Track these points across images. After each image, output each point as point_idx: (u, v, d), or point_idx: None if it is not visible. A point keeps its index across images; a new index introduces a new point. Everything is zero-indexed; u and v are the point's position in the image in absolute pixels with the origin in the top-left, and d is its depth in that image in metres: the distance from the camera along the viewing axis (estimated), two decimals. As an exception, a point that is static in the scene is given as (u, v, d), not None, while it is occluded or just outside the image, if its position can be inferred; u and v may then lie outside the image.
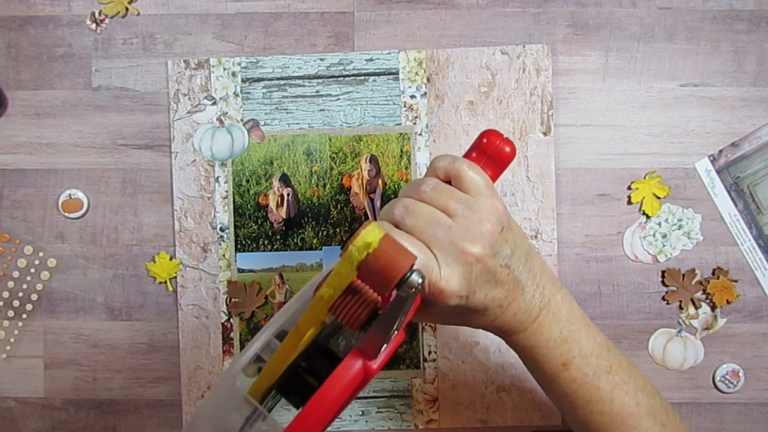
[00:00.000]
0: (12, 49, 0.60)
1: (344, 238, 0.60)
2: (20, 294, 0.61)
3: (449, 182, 0.41)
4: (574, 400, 0.44)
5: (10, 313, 0.61)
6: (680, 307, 0.59)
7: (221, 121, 0.60)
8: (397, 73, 0.59)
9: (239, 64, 0.59)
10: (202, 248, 0.60)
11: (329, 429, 0.60)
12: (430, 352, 0.60)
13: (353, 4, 0.60)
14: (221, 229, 0.60)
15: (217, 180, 0.60)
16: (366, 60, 0.59)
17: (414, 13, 0.60)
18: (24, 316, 0.61)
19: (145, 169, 0.61)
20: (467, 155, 0.42)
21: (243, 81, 0.60)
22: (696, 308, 0.59)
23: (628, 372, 0.45)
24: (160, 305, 0.61)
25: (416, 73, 0.59)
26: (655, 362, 0.60)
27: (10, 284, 0.61)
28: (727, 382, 0.60)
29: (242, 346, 0.60)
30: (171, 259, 0.60)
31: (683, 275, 0.59)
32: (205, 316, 0.60)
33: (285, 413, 0.36)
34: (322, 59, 0.59)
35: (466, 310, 0.41)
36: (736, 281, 0.59)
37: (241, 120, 0.60)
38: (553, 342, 0.43)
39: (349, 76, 0.59)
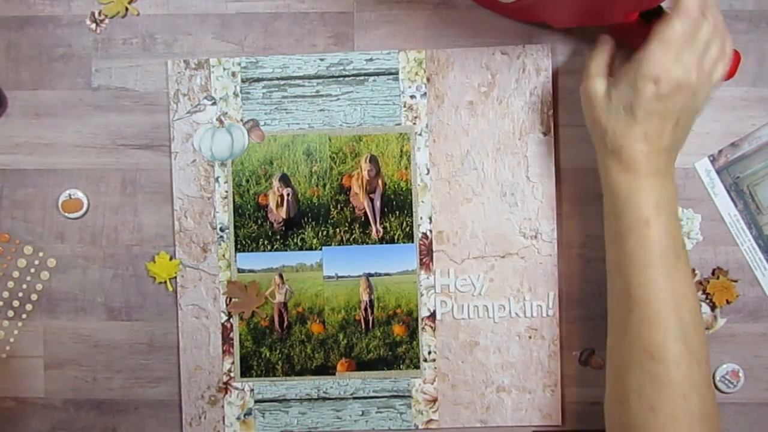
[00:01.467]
0: (12, 49, 0.60)
1: (344, 238, 0.60)
2: (20, 294, 0.61)
3: None
4: (635, 262, 0.47)
5: (10, 313, 0.61)
6: (680, 307, 0.59)
7: (221, 121, 0.60)
8: (397, 73, 0.59)
9: (239, 64, 0.59)
10: (202, 248, 0.60)
11: None
12: (430, 352, 0.60)
13: (353, 4, 0.60)
14: (221, 229, 0.60)
15: (217, 180, 0.60)
16: (366, 60, 0.59)
17: (414, 13, 0.60)
18: (24, 316, 0.61)
19: (145, 169, 0.61)
20: None
21: (243, 81, 0.60)
22: (696, 308, 0.59)
23: (690, 278, 0.48)
24: (160, 305, 0.61)
25: (416, 73, 0.59)
26: (655, 362, 0.60)
27: (10, 284, 0.61)
28: (727, 382, 0.60)
29: (242, 346, 0.60)
30: (171, 259, 0.60)
31: (683, 275, 0.59)
32: (205, 316, 0.60)
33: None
34: (322, 59, 0.59)
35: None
36: (735, 281, 0.59)
37: (241, 120, 0.60)
38: (652, 199, 0.48)
39: (349, 76, 0.59)
